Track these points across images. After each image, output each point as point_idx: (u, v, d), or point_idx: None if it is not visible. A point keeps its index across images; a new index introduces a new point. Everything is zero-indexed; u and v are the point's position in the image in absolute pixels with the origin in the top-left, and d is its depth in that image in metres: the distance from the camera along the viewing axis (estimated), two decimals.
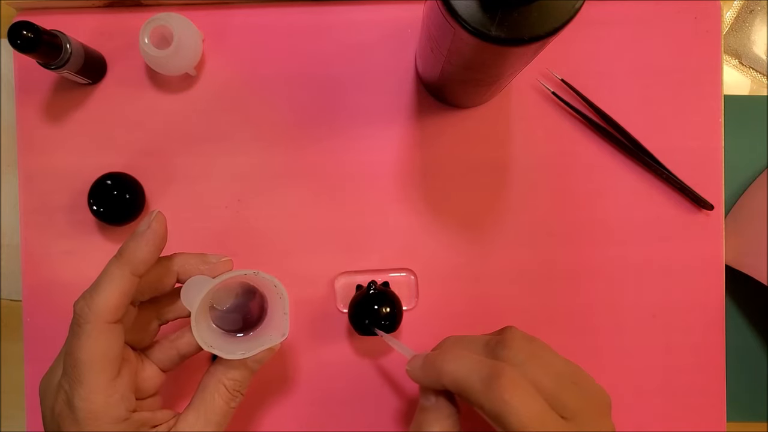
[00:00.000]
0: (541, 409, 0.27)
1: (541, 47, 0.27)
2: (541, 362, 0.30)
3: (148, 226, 0.31)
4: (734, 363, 0.43)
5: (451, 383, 0.30)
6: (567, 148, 0.42)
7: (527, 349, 0.30)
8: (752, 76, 0.47)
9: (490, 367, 0.28)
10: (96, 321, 0.29)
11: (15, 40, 0.33)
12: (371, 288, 0.40)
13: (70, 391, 0.29)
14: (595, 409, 0.30)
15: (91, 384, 0.29)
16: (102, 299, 0.29)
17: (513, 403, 0.27)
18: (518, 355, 0.30)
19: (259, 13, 0.42)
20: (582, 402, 0.29)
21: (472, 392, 0.28)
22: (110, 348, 0.29)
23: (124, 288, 0.30)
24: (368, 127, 0.42)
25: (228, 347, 0.32)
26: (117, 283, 0.30)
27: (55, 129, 0.42)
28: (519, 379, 0.28)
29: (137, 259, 0.30)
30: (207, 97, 0.42)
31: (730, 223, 0.43)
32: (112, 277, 0.30)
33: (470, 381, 0.29)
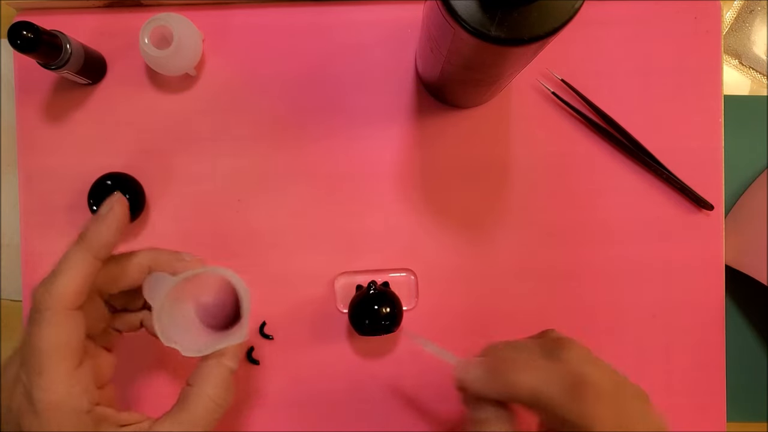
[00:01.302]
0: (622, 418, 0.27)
1: (541, 47, 0.27)
2: (598, 364, 0.30)
3: (109, 209, 0.30)
4: (734, 363, 0.43)
5: (528, 394, 0.28)
6: (567, 148, 0.42)
7: (583, 351, 0.30)
8: (752, 76, 0.47)
9: (573, 376, 0.27)
10: (56, 307, 0.28)
11: (15, 40, 0.33)
12: (371, 288, 0.40)
13: (28, 383, 0.27)
14: (647, 410, 0.30)
15: (52, 374, 0.27)
16: (62, 285, 0.28)
17: (597, 414, 0.26)
18: (578, 357, 0.29)
19: (259, 13, 0.42)
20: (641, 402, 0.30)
21: (553, 403, 0.27)
22: (71, 336, 0.28)
23: (85, 273, 0.28)
24: (368, 127, 0.42)
25: (194, 344, 0.31)
26: (78, 268, 0.28)
27: (55, 129, 0.42)
28: (600, 387, 0.27)
29: (99, 243, 0.29)
30: (207, 97, 0.42)
31: (730, 223, 0.43)
32: (74, 262, 0.28)
33: (551, 392, 0.27)
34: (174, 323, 0.32)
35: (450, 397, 0.42)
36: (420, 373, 0.42)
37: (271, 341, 0.41)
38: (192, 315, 0.33)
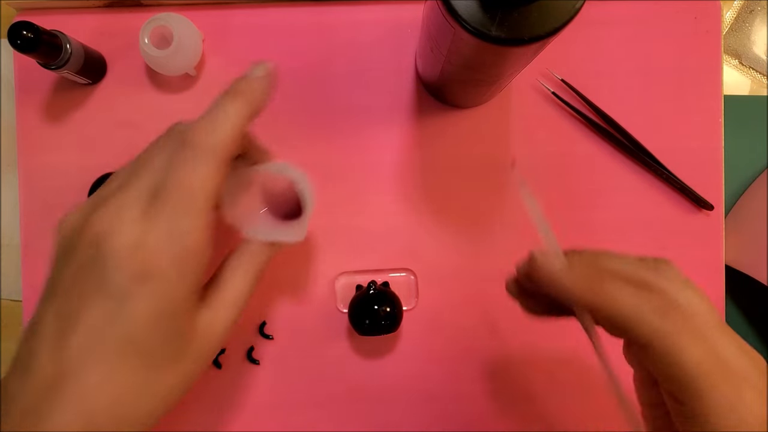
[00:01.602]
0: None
1: (541, 47, 0.27)
2: (700, 293, 0.26)
3: (265, 71, 0.30)
4: None
5: (621, 314, 0.25)
6: (567, 148, 0.42)
7: (683, 278, 0.26)
8: (752, 76, 0.47)
9: (664, 299, 0.25)
10: (217, 152, 0.27)
11: (15, 40, 0.33)
12: (371, 288, 0.40)
13: (165, 224, 0.25)
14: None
15: (197, 219, 0.26)
16: (224, 131, 0.27)
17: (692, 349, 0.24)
18: (677, 282, 0.26)
19: (259, 13, 0.42)
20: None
21: (643, 325, 0.24)
22: (219, 186, 0.27)
23: (241, 126, 0.28)
24: (368, 126, 0.42)
25: (253, 230, 0.33)
26: (237, 119, 0.28)
27: (55, 129, 0.42)
28: (701, 318, 0.25)
29: (256, 102, 0.29)
30: (207, 97, 0.41)
31: (730, 223, 0.43)
32: (233, 113, 0.27)
33: (648, 318, 0.25)
34: (240, 206, 0.33)
35: (450, 397, 0.42)
36: (420, 373, 0.42)
37: (271, 341, 0.41)
38: (256, 204, 0.35)
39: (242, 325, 0.41)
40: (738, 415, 0.23)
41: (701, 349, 0.24)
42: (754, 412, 0.23)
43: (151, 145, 0.29)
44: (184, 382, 0.28)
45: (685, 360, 0.24)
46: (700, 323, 0.25)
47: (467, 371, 0.42)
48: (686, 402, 0.24)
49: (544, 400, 0.42)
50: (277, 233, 0.33)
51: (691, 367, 0.24)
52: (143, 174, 0.27)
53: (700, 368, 0.23)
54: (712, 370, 0.24)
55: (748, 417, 0.23)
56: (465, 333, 0.42)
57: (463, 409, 0.42)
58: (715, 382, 0.24)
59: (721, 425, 0.23)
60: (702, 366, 0.24)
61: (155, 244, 0.25)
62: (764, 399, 0.24)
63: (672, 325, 0.24)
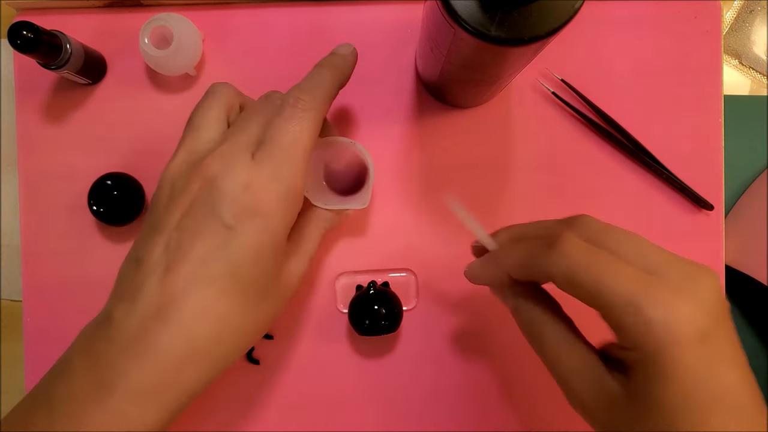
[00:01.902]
0: (614, 265, 0.25)
1: (541, 47, 0.27)
2: (611, 229, 0.27)
3: (352, 50, 0.34)
4: None
5: (516, 264, 0.28)
6: (567, 148, 0.42)
7: (600, 225, 0.27)
8: (752, 76, 0.47)
9: (550, 232, 0.27)
10: (316, 110, 0.30)
11: (15, 40, 0.33)
12: (371, 288, 0.40)
13: (272, 168, 0.29)
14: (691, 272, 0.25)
15: (298, 165, 0.30)
16: (323, 95, 0.31)
17: (579, 263, 0.25)
18: (588, 228, 0.27)
19: (259, 13, 0.42)
20: (669, 259, 0.25)
21: (537, 259, 0.26)
22: (314, 141, 0.31)
23: (332, 95, 0.32)
24: (368, 126, 0.42)
25: (321, 199, 0.37)
26: (330, 87, 0.32)
27: (55, 129, 0.42)
28: (579, 240, 0.26)
29: (345, 74, 0.33)
30: None
31: (730, 223, 0.43)
32: (329, 81, 0.32)
33: (532, 254, 0.27)
34: (310, 176, 0.37)
35: (450, 397, 0.42)
36: (420, 372, 0.42)
37: (271, 341, 0.41)
38: (321, 175, 0.39)
39: None
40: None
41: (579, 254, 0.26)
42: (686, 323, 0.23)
43: (249, 109, 0.33)
44: (266, 321, 0.31)
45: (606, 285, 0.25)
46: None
47: (467, 371, 0.42)
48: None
49: (544, 400, 0.42)
50: (344, 203, 0.38)
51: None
52: (248, 127, 0.30)
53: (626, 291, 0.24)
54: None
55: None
56: (465, 333, 0.42)
57: (463, 409, 0.42)
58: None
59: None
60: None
61: (263, 185, 0.28)
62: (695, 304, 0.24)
63: (588, 257, 0.25)
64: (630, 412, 0.25)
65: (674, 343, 0.23)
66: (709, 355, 0.23)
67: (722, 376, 0.23)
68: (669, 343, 0.23)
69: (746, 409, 0.24)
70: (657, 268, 0.25)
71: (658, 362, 0.23)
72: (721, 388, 0.23)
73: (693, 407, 0.23)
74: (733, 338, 0.25)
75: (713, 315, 0.24)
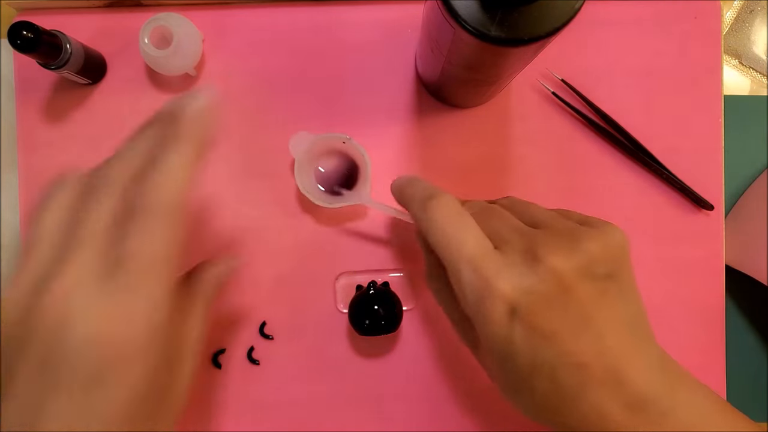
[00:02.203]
0: (469, 230, 0.27)
1: (541, 47, 0.27)
2: (493, 208, 0.30)
3: (206, 102, 0.26)
4: (734, 363, 0.43)
5: (404, 202, 0.31)
6: (567, 148, 0.42)
7: (485, 204, 0.31)
8: (752, 76, 0.47)
9: (432, 190, 0.29)
10: (171, 213, 0.24)
11: (15, 40, 0.33)
12: (371, 288, 0.40)
13: (128, 301, 0.24)
14: (546, 243, 0.26)
15: (162, 289, 0.24)
16: (174, 190, 0.24)
17: (437, 219, 0.27)
18: (473, 208, 0.30)
19: (259, 13, 0.42)
20: (522, 235, 0.27)
21: (413, 211, 0.30)
22: (180, 246, 0.25)
23: (192, 175, 0.25)
24: (368, 126, 0.42)
25: (319, 197, 0.39)
26: (185, 173, 0.25)
27: (55, 129, 0.42)
28: (453, 201, 0.28)
29: (201, 143, 0.26)
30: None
31: (730, 223, 0.43)
32: (180, 166, 0.25)
33: (414, 200, 0.30)
34: (308, 176, 0.39)
35: (450, 397, 0.42)
36: (420, 372, 0.42)
37: (271, 341, 0.41)
38: (313, 175, 0.40)
39: (242, 325, 0.41)
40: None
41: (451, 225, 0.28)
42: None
43: (95, 204, 0.25)
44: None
45: (431, 238, 0.28)
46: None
47: (467, 371, 0.42)
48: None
49: None
50: (344, 200, 0.39)
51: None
52: (90, 242, 0.24)
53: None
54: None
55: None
56: None
57: (463, 409, 0.42)
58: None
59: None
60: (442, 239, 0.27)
61: (119, 327, 0.23)
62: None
63: (429, 210, 0.28)
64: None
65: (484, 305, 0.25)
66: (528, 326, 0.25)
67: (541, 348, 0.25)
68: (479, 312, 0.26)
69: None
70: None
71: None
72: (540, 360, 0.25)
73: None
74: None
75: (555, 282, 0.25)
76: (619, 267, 0.27)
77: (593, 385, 0.24)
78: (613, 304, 0.25)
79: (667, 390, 0.25)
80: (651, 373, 0.25)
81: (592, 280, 0.25)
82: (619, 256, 0.27)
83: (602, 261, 0.26)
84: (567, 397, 0.24)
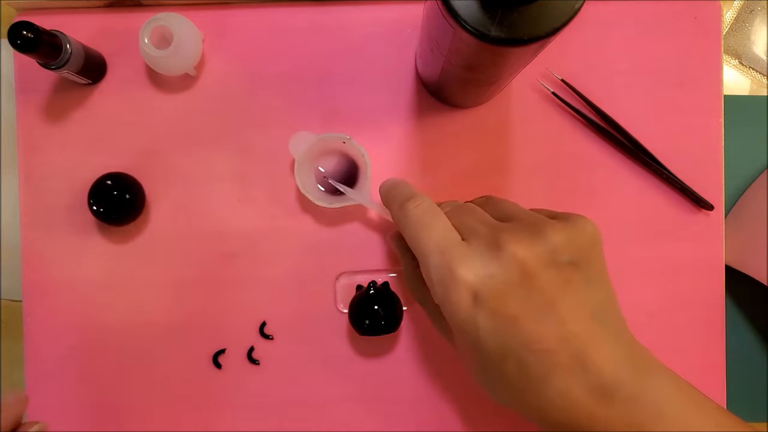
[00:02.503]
0: (439, 223, 0.28)
1: (541, 47, 0.27)
2: (467, 206, 0.31)
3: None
4: (734, 363, 0.43)
5: (387, 204, 0.33)
6: (567, 148, 0.42)
7: (461, 203, 0.32)
8: (752, 76, 0.47)
9: (411, 192, 0.31)
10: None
11: (15, 40, 0.33)
12: (371, 288, 0.40)
13: None
14: (513, 234, 0.27)
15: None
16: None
17: (411, 216, 0.29)
18: (450, 207, 0.31)
19: (259, 13, 0.42)
20: (489, 227, 0.28)
21: (393, 211, 0.31)
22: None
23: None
24: (368, 126, 0.42)
25: (319, 197, 0.39)
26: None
27: (55, 129, 0.42)
28: (428, 201, 0.30)
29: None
30: (207, 97, 0.42)
31: (730, 223, 0.43)
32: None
33: (395, 201, 0.31)
34: (308, 176, 0.40)
35: (450, 397, 0.42)
36: (420, 372, 0.42)
37: (271, 341, 0.41)
38: (314, 176, 0.40)
39: (242, 325, 0.41)
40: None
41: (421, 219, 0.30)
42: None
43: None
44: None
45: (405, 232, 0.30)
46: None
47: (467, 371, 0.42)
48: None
49: None
50: (345, 199, 0.39)
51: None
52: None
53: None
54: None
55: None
56: None
57: (463, 409, 0.42)
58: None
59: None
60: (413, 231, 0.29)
61: None
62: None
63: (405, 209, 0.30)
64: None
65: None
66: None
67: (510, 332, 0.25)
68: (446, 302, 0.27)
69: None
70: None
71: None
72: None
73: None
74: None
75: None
76: (586, 256, 0.27)
77: (559, 371, 0.24)
78: (577, 291, 0.26)
79: (634, 376, 0.25)
80: (617, 359, 0.25)
81: (556, 268, 0.26)
82: (586, 245, 0.27)
83: (567, 250, 0.26)
84: (533, 382, 0.25)
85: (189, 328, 0.41)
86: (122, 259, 0.41)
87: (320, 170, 0.40)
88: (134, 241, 0.41)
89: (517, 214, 0.29)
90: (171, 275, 0.41)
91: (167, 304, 0.41)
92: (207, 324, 0.41)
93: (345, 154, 0.40)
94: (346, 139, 0.39)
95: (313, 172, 0.40)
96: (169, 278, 0.41)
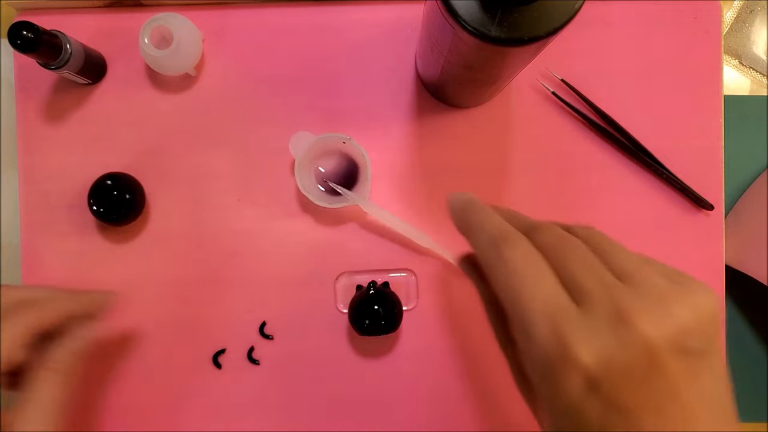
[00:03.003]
0: (544, 280, 0.23)
1: (541, 47, 0.27)
2: (573, 245, 0.25)
3: (82, 342, 0.33)
4: (734, 363, 0.43)
5: (467, 232, 0.28)
6: (567, 148, 0.42)
7: (561, 235, 0.25)
8: (752, 76, 0.47)
9: (505, 228, 0.26)
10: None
11: (15, 40, 0.33)
12: (371, 288, 0.40)
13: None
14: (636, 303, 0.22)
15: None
16: (45, 420, 0.29)
17: (509, 261, 0.24)
18: (548, 238, 0.25)
19: (259, 13, 0.42)
20: (606, 289, 0.23)
21: (479, 245, 0.26)
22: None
23: (61, 404, 0.30)
24: (368, 126, 0.42)
25: (319, 197, 0.39)
26: (54, 406, 0.30)
27: (55, 129, 0.42)
28: (526, 243, 0.24)
29: (70, 378, 0.31)
30: (207, 97, 0.42)
31: (730, 223, 0.43)
32: (49, 400, 0.30)
33: (482, 234, 0.26)
34: (308, 176, 0.40)
35: (450, 397, 0.42)
36: (420, 372, 0.42)
37: (271, 341, 0.41)
38: (314, 176, 0.40)
39: (242, 325, 0.41)
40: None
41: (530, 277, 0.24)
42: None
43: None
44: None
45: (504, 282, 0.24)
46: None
47: (467, 371, 0.42)
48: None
49: None
50: (344, 200, 0.39)
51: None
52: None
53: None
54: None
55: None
56: (465, 333, 0.42)
57: (463, 409, 0.42)
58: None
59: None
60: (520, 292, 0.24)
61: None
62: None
63: (502, 250, 0.25)
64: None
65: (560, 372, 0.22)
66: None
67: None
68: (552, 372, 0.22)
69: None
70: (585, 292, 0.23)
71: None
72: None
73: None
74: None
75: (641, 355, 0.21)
76: (713, 341, 0.23)
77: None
78: (703, 384, 0.22)
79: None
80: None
81: (685, 357, 0.22)
82: (713, 328, 0.23)
83: (695, 333, 0.22)
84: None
85: (189, 328, 0.41)
86: (122, 259, 0.41)
87: (320, 170, 0.40)
88: (134, 241, 0.41)
89: (634, 272, 0.24)
90: (171, 275, 0.41)
91: (167, 303, 0.41)
92: (207, 324, 0.41)
93: (345, 154, 0.40)
94: (346, 140, 0.38)
95: (313, 172, 0.40)
96: (169, 278, 0.41)
